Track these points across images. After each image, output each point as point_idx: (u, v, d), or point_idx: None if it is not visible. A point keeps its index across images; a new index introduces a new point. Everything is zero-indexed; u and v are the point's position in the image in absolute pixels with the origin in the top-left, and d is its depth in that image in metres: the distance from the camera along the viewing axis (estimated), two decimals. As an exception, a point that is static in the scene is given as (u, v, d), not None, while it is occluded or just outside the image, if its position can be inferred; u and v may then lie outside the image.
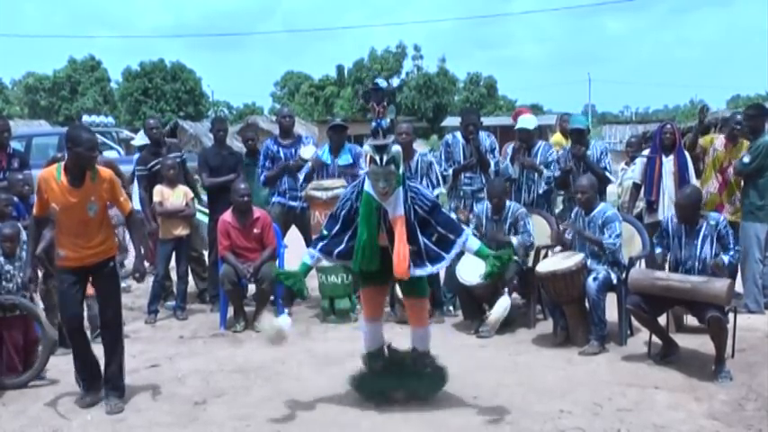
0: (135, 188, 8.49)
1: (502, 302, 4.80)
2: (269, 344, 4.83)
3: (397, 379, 4.78)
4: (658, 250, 5.71)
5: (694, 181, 7.22)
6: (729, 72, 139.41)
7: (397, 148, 4.47)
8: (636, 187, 7.67)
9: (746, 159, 6.90)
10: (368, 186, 4.48)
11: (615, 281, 6.07)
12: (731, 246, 5.44)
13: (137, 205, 8.22)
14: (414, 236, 4.48)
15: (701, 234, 5.46)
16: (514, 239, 6.56)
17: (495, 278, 4.74)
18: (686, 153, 7.39)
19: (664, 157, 7.32)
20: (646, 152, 7.83)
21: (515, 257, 6.35)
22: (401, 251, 4.38)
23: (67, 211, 4.76)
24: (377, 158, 4.37)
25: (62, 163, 4.88)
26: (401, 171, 4.50)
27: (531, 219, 6.76)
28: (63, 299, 4.93)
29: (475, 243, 4.62)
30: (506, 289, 4.90)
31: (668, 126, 7.59)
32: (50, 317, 5.76)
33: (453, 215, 6.34)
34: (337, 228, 4.64)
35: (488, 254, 4.56)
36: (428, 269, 4.58)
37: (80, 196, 4.75)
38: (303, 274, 4.70)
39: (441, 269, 4.79)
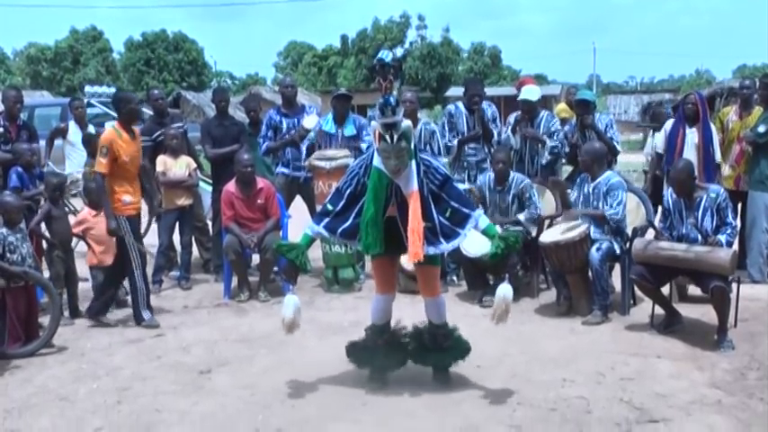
0: None
1: (501, 291, 4.39)
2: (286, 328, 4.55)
3: (400, 357, 4.71)
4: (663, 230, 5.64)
5: (719, 156, 7.09)
6: (735, 41, 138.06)
7: (407, 122, 4.30)
8: (659, 157, 7.50)
9: (762, 129, 6.80)
10: (377, 162, 4.32)
11: (618, 251, 6.07)
12: (729, 220, 5.40)
13: None
14: (428, 211, 4.34)
15: (702, 206, 5.43)
16: (522, 216, 6.56)
17: (499, 259, 4.65)
18: (712, 126, 7.19)
19: (687, 129, 7.12)
20: (669, 123, 7.51)
21: (520, 228, 6.37)
22: (416, 231, 4.23)
23: (133, 160, 5.93)
24: (387, 136, 4.20)
25: (114, 123, 6.06)
26: (413, 145, 4.33)
27: (536, 190, 6.74)
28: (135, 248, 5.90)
29: (484, 221, 4.47)
30: (507, 275, 4.59)
31: (692, 96, 7.41)
32: (56, 286, 5.80)
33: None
34: (342, 203, 4.48)
35: (495, 234, 4.44)
36: (442, 246, 4.41)
37: (137, 145, 6.02)
38: (305, 247, 4.55)
39: (455, 246, 4.55)
